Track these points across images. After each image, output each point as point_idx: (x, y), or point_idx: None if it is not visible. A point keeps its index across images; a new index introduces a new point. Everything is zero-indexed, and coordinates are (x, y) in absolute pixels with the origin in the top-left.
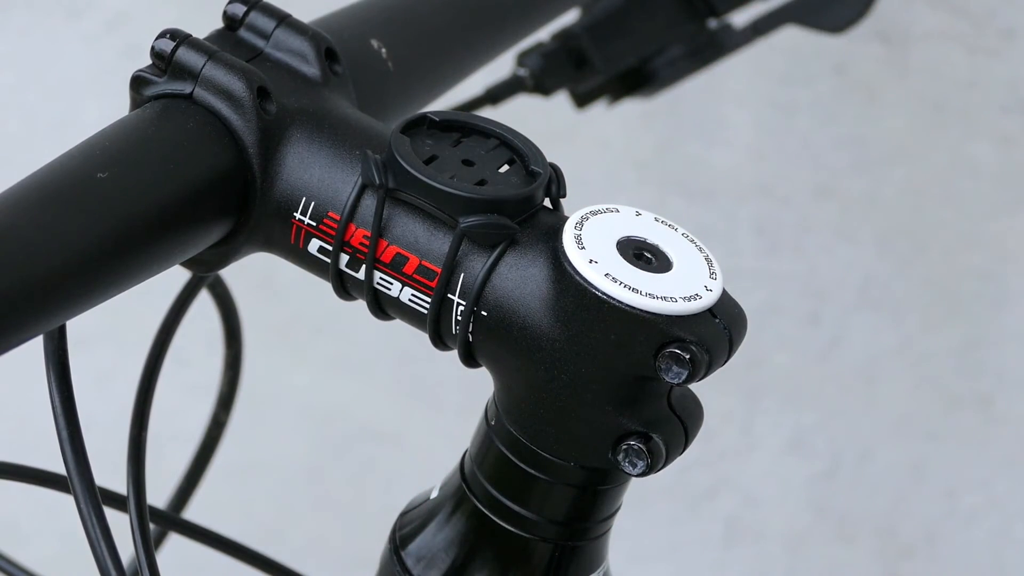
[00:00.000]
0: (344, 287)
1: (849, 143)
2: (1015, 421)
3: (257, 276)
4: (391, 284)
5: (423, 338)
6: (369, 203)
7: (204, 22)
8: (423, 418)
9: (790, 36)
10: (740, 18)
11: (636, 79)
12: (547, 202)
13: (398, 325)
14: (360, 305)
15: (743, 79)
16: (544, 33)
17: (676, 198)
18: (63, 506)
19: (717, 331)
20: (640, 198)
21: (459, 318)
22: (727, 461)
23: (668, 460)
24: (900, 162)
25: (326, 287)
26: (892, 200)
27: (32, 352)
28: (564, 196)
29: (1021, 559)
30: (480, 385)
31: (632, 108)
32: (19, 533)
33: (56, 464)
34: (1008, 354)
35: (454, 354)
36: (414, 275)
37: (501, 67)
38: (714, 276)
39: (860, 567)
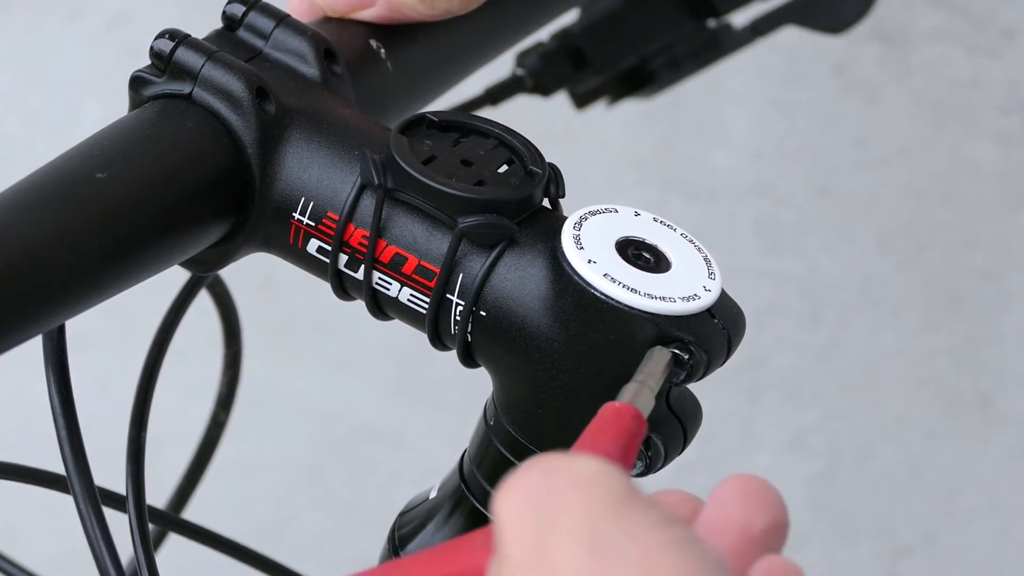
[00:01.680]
0: (343, 287)
1: (849, 143)
2: (1015, 421)
3: (257, 276)
4: (390, 284)
5: (423, 338)
6: (368, 203)
7: (204, 22)
8: (423, 418)
9: (790, 36)
10: (740, 18)
11: (636, 79)
12: (546, 202)
13: (398, 325)
14: (360, 305)
15: (743, 79)
16: (543, 33)
17: (676, 198)
18: (63, 506)
19: (716, 331)
20: (640, 198)
21: (458, 318)
22: (727, 461)
23: (667, 460)
24: (900, 162)
25: (325, 287)
26: (892, 200)
27: (31, 352)
28: (563, 196)
29: (1021, 559)
30: (480, 385)
31: (632, 108)
32: (19, 533)
33: (56, 464)
34: (1008, 354)
35: (453, 354)
36: (413, 275)
37: (500, 67)
38: (713, 276)
39: (860, 567)
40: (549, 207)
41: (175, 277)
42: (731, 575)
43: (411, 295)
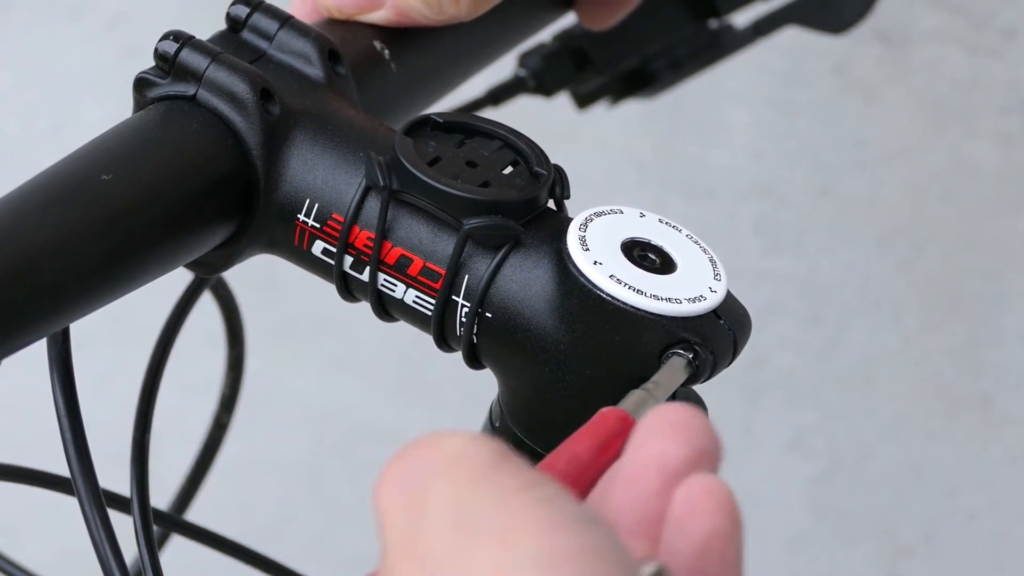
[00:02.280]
0: (348, 289)
1: (849, 143)
2: (1015, 421)
3: (258, 276)
4: (395, 286)
5: (423, 338)
6: (373, 205)
7: (204, 22)
8: (423, 418)
9: (790, 36)
10: (741, 19)
11: (637, 80)
12: (551, 203)
13: (397, 325)
14: (360, 305)
15: (743, 79)
16: (546, 34)
17: (676, 198)
18: (63, 506)
19: (722, 332)
20: (640, 198)
21: (463, 320)
22: (727, 461)
23: None
24: (900, 162)
25: (326, 287)
26: (892, 200)
27: (32, 353)
28: (568, 197)
29: (1021, 559)
30: (480, 385)
31: (632, 108)
32: (19, 534)
33: (57, 464)
34: (1008, 354)
35: (455, 355)
36: (418, 277)
37: (502, 68)
38: (718, 277)
39: (860, 567)
40: (554, 208)
41: (175, 277)
42: (604, 526)
43: (416, 297)
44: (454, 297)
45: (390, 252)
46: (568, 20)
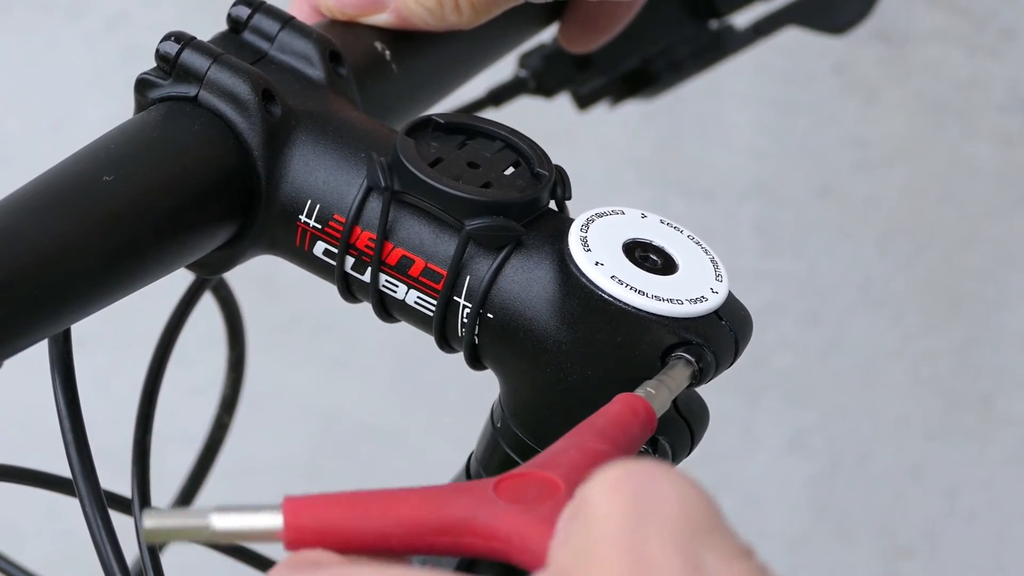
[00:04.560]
0: (350, 290)
1: (849, 143)
2: (1015, 421)
3: (258, 276)
4: (397, 287)
5: (423, 338)
6: (375, 205)
7: (204, 22)
8: (423, 418)
9: (790, 36)
10: (742, 19)
11: (638, 80)
12: (552, 204)
13: (398, 325)
14: (361, 306)
15: (743, 79)
16: (547, 34)
17: (676, 198)
18: (63, 507)
19: (723, 333)
20: (640, 198)
21: (465, 321)
22: (727, 461)
23: (674, 462)
24: (900, 162)
25: (326, 287)
26: (892, 200)
27: (33, 354)
28: (569, 198)
29: (1021, 559)
30: (480, 385)
31: (633, 108)
32: (19, 534)
33: (58, 465)
34: (1008, 354)
35: (456, 355)
36: (420, 277)
37: (503, 68)
38: (720, 278)
39: (860, 567)
40: (555, 209)
41: (176, 278)
42: None
43: (418, 297)
44: (456, 298)
45: (391, 253)
46: None
